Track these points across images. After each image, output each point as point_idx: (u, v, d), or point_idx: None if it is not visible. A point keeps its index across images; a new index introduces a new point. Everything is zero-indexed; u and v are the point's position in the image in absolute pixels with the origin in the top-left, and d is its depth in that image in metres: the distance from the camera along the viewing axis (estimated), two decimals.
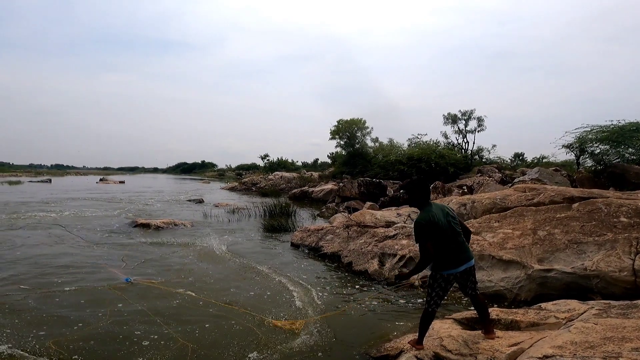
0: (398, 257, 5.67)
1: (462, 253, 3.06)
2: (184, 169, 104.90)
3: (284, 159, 45.89)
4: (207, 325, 3.95)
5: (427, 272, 5.43)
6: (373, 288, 5.36)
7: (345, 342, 3.65)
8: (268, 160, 47.76)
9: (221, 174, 66.46)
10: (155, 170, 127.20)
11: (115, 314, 4.18)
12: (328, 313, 4.34)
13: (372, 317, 4.33)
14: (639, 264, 4.27)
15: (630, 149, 15.14)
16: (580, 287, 4.53)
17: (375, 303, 4.77)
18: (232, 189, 30.50)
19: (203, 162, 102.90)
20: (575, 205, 5.39)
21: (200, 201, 18.75)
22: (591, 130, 15.84)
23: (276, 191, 23.94)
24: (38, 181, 37.94)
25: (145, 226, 10.18)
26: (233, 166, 70.37)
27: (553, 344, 2.78)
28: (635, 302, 3.61)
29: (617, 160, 15.11)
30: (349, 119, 26.95)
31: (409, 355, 3.18)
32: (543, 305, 3.97)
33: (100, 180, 41.38)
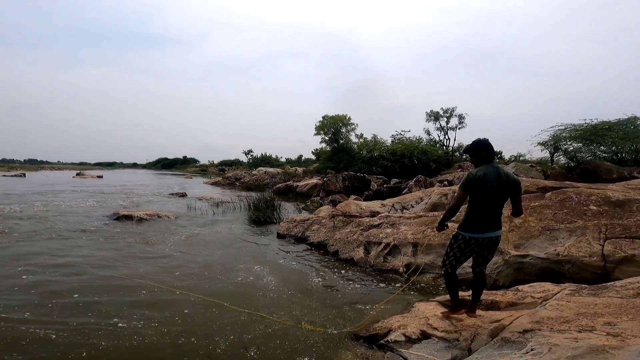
0: (383, 244, 5.83)
1: (492, 222, 3.04)
2: (164, 165, 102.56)
3: (268, 154, 45.65)
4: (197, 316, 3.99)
5: (411, 258, 5.61)
6: (361, 274, 5.50)
7: (333, 325, 3.76)
8: (252, 155, 47.42)
9: (203, 170, 65.43)
10: (134, 166, 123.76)
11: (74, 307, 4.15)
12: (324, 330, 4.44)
13: (359, 301, 4.47)
14: (607, 249, 4.55)
15: (601, 147, 15.88)
16: (554, 272, 4.78)
17: (361, 287, 4.91)
18: (215, 184, 30.14)
19: (185, 157, 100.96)
20: (548, 194, 5.68)
21: (183, 195, 18.50)
22: (565, 128, 16.55)
23: (260, 186, 23.87)
24: (12, 175, 36.45)
25: (128, 218, 10.00)
26: (216, 162, 69.43)
27: (531, 319, 2.97)
28: (604, 284, 3.87)
29: (589, 157, 15.83)
30: (334, 115, 27.10)
31: (397, 333, 3.32)
32: (520, 287, 4.20)
33: (77, 174, 40.05)
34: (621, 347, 2.10)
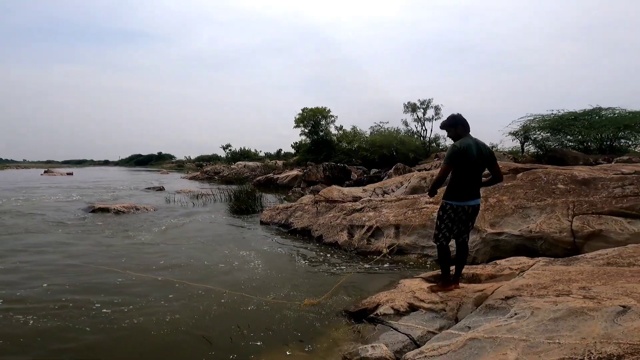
0: (366, 227, 5.97)
1: (475, 190, 3.23)
2: (138, 161, 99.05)
3: (247, 148, 45.05)
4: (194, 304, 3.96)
5: (394, 240, 5.76)
6: (346, 256, 5.61)
7: (324, 304, 3.82)
8: (230, 150, 46.65)
9: (180, 166, 63.79)
10: (105, 163, 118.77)
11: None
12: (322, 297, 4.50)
13: (346, 281, 4.56)
14: (576, 225, 4.85)
15: (568, 136, 16.73)
16: (528, 249, 5.05)
17: (347, 269, 5.02)
18: (193, 178, 29.55)
19: (160, 153, 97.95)
20: (520, 175, 5.97)
21: (161, 189, 18.06)
22: (534, 119, 17.30)
23: (240, 179, 23.56)
24: None
25: (104, 210, 9.71)
26: (193, 157, 67.84)
27: (512, 287, 3.14)
28: (575, 256, 4.13)
29: (556, 146, 16.64)
30: (313, 108, 27.05)
31: (385, 307, 3.43)
32: (498, 261, 4.42)
33: (45, 172, 38.24)
34: (598, 308, 2.26)
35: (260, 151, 46.17)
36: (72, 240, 6.59)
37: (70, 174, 36.56)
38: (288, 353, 2.77)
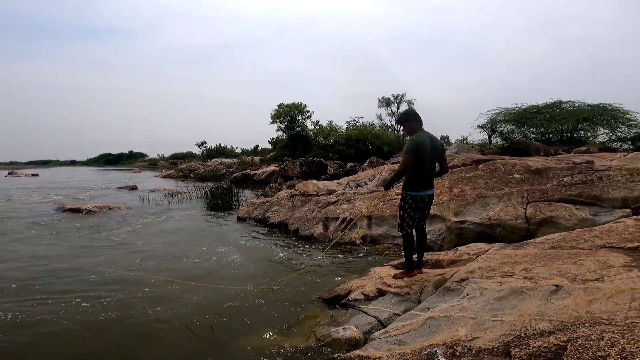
0: (340, 219, 6.23)
1: (430, 181, 3.51)
2: (108, 161, 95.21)
3: (222, 145, 44.39)
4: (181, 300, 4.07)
5: (367, 230, 6.04)
6: (320, 248, 5.85)
7: (300, 292, 4.04)
8: (205, 147, 45.86)
9: (153, 164, 61.95)
10: (73, 163, 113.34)
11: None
12: (292, 275, 4.70)
13: (321, 270, 4.81)
14: (529, 212, 5.28)
15: (532, 129, 17.61)
16: (488, 236, 5.44)
17: (322, 259, 5.26)
18: (167, 177, 28.99)
19: (131, 152, 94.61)
20: (481, 166, 6.39)
21: (134, 188, 17.69)
22: (500, 112, 18.07)
23: (216, 176, 23.37)
24: None
25: (75, 211, 9.50)
26: (166, 155, 66.07)
27: (466, 270, 3.46)
28: (526, 241, 4.52)
29: (521, 138, 17.50)
30: (289, 103, 27.06)
31: (356, 293, 3.68)
32: (459, 248, 4.77)
33: (9, 173, 36.29)
34: (535, 287, 2.57)
35: (237, 147, 45.68)
36: (42, 241, 6.48)
37: (36, 175, 34.94)
38: (266, 337, 2.97)
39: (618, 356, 1.60)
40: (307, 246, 5.98)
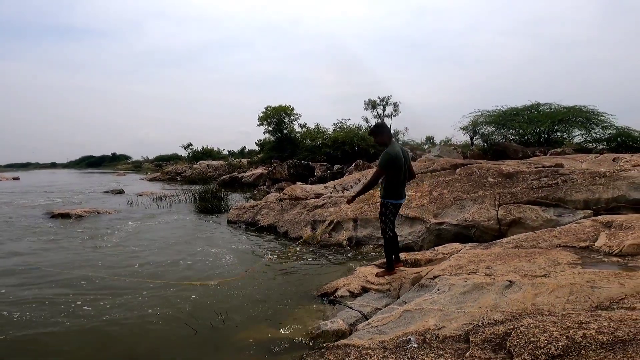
0: (327, 222, 6.59)
1: (404, 189, 3.87)
2: (90, 163, 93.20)
3: (209, 147, 44.26)
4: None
5: (353, 232, 6.40)
6: (310, 249, 6.19)
7: (292, 291, 4.38)
8: (192, 149, 45.65)
9: (137, 166, 61.14)
10: (53, 166, 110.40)
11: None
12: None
13: (310, 270, 5.15)
14: (500, 213, 5.74)
15: (511, 130, 18.31)
16: (464, 236, 5.87)
17: (312, 260, 5.60)
18: (153, 179, 28.82)
19: (114, 154, 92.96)
20: (458, 170, 6.84)
21: (120, 192, 17.64)
22: (481, 114, 18.76)
23: (204, 179, 23.44)
24: None
25: (65, 216, 9.56)
26: (151, 157, 65.28)
27: (439, 268, 3.85)
28: (494, 241, 4.96)
29: (501, 139, 18.19)
30: (277, 106, 27.34)
31: (343, 290, 4.05)
32: (436, 248, 5.19)
33: None
34: (493, 283, 2.95)
35: (224, 149, 45.63)
36: (35, 247, 6.59)
37: (17, 178, 34.16)
38: (261, 331, 3.30)
39: (546, 341, 1.99)
40: (296, 249, 6.32)
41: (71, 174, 47.38)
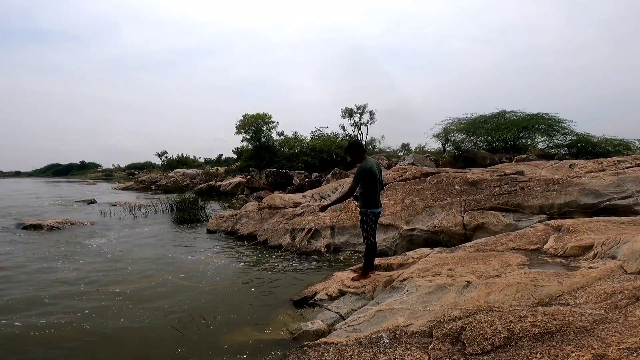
0: (306, 230, 6.86)
1: (379, 199, 4.22)
2: (57, 171, 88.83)
3: (185, 155, 43.60)
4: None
5: (330, 240, 6.68)
6: (290, 256, 6.43)
7: (274, 296, 4.61)
8: (166, 157, 44.82)
9: (108, 175, 59.15)
10: (17, 174, 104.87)
11: None
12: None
13: (290, 276, 5.40)
14: (466, 219, 6.21)
15: (479, 137, 19.22)
16: (434, 241, 6.28)
17: (291, 266, 5.85)
18: (127, 189, 28.12)
19: (82, 162, 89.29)
20: (428, 178, 7.31)
21: (93, 202, 17.18)
22: (452, 122, 19.62)
23: (180, 188, 23.14)
24: None
25: (37, 227, 9.33)
26: (122, 165, 63.39)
27: (408, 272, 4.20)
28: (459, 245, 5.38)
29: (471, 146, 19.08)
30: (254, 114, 27.45)
31: (321, 294, 4.31)
32: (407, 253, 5.56)
33: None
34: (453, 284, 3.31)
35: (200, 157, 45.05)
36: (6, 260, 6.45)
37: None
38: (247, 333, 3.53)
39: (492, 333, 2.35)
40: (276, 256, 6.55)
41: (37, 183, 45.21)
